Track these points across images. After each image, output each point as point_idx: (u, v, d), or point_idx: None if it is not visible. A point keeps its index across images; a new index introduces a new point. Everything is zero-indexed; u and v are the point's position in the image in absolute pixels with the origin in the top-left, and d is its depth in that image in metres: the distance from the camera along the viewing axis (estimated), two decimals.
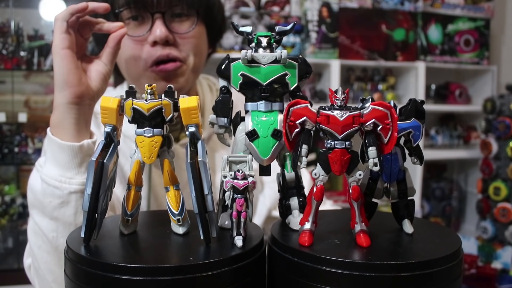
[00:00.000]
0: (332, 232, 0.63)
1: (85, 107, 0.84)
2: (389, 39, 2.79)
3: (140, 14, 0.99)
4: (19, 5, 2.58)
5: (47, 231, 0.83)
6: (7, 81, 2.64)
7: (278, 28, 0.64)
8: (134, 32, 0.99)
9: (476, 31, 2.96)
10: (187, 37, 1.01)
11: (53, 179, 0.80)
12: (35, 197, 0.85)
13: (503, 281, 2.46)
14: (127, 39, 0.99)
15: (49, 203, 0.81)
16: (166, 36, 0.97)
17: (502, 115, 2.59)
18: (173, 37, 0.99)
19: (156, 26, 0.97)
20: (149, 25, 0.98)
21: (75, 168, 0.81)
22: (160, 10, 0.97)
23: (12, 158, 2.53)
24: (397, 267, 0.53)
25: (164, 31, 0.97)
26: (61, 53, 0.83)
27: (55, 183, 0.80)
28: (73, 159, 0.81)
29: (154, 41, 0.97)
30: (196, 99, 0.61)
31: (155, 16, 0.97)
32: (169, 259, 0.56)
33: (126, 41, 0.99)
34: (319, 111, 0.58)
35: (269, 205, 1.15)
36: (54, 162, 0.81)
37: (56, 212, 0.81)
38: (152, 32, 0.97)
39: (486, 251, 2.61)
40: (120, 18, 0.99)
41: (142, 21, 0.99)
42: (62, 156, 0.81)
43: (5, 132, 2.57)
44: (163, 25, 0.97)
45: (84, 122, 0.84)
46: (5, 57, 2.47)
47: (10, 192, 2.66)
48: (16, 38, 2.49)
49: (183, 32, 1.00)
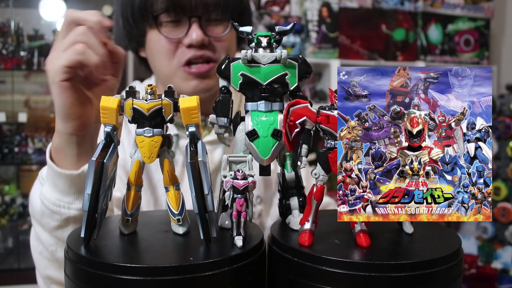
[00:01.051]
0: (332, 232, 0.63)
1: (90, 134, 0.81)
2: (389, 39, 2.79)
3: (178, 18, 1.02)
4: (19, 5, 2.58)
5: (47, 245, 0.83)
6: (7, 81, 2.64)
7: (278, 28, 0.64)
8: (170, 34, 1.02)
9: (476, 31, 2.97)
10: (221, 40, 1.04)
11: (51, 203, 0.78)
12: (34, 212, 0.83)
13: (503, 281, 2.46)
14: (163, 39, 1.02)
15: (47, 223, 0.80)
16: (202, 39, 1.00)
17: (502, 115, 2.59)
18: (208, 40, 1.02)
19: (193, 29, 1.00)
20: (185, 28, 1.01)
21: (74, 194, 0.79)
22: (197, 15, 1.00)
23: (12, 158, 2.53)
24: (397, 267, 0.53)
25: (201, 34, 1.00)
26: (61, 86, 0.74)
27: (52, 207, 0.78)
28: (71, 186, 0.78)
29: (190, 44, 1.00)
30: (196, 99, 0.61)
31: (192, 20, 1.00)
32: (169, 259, 0.56)
33: (162, 41, 1.02)
34: (319, 111, 0.58)
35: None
36: (53, 186, 0.79)
37: (54, 232, 0.80)
38: (189, 35, 1.00)
39: (486, 251, 2.61)
40: (158, 21, 1.02)
41: (179, 24, 1.02)
42: (60, 182, 0.78)
43: (5, 132, 2.57)
44: (199, 29, 1.00)
45: (90, 147, 0.80)
46: (5, 57, 2.48)
47: (10, 192, 2.66)
48: (16, 38, 2.49)
49: (218, 36, 1.03)
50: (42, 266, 0.85)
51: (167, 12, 1.01)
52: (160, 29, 1.02)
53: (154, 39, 1.04)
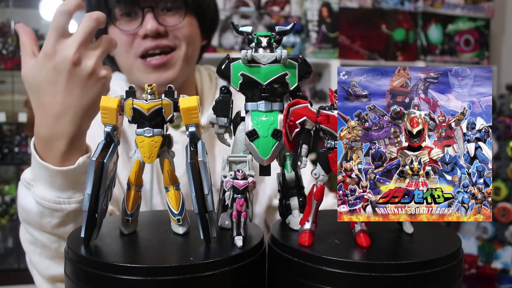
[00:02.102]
0: (332, 232, 0.63)
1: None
2: (389, 39, 2.79)
3: (132, 10, 1.02)
4: (19, 5, 2.58)
5: (49, 243, 0.82)
6: (7, 81, 2.64)
7: (278, 28, 0.64)
8: (125, 26, 1.03)
9: (476, 31, 2.97)
10: (178, 28, 1.04)
11: (51, 202, 0.77)
12: (29, 216, 0.81)
13: (503, 281, 2.46)
14: (119, 33, 1.03)
15: (48, 222, 0.79)
16: (156, 29, 1.00)
17: (502, 115, 2.59)
18: (164, 30, 1.02)
19: (147, 20, 1.01)
20: (139, 20, 1.02)
21: (71, 188, 0.78)
22: (150, 5, 1.01)
23: (12, 158, 2.53)
24: (397, 267, 0.53)
25: (155, 24, 1.00)
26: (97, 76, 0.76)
27: (53, 205, 0.77)
28: (68, 181, 0.77)
29: (145, 34, 1.01)
30: (196, 99, 0.61)
31: (145, 10, 1.01)
32: (169, 259, 0.56)
33: (119, 35, 1.03)
34: (319, 111, 0.58)
35: (269, 193, 1.15)
36: (48, 185, 0.78)
37: (56, 230, 0.80)
38: (143, 26, 1.01)
39: (486, 251, 2.61)
40: (112, 15, 1.03)
41: (134, 16, 1.03)
42: (57, 179, 0.77)
43: (5, 132, 2.57)
44: (153, 19, 1.01)
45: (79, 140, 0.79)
46: (5, 57, 2.47)
47: (10, 192, 2.66)
48: (16, 38, 2.49)
49: (173, 25, 1.03)
50: (44, 268, 0.85)
51: (120, 6, 1.02)
52: (115, 23, 1.03)
53: (113, 35, 1.04)
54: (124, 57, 1.05)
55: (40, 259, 0.85)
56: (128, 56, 1.04)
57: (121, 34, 1.02)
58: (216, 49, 2.52)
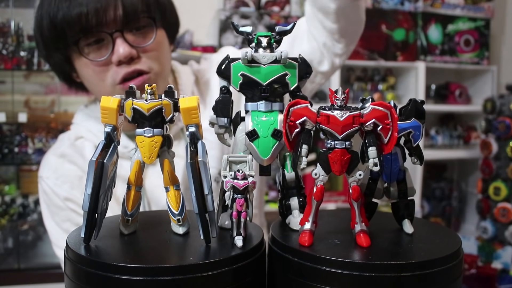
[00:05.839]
0: (332, 232, 0.63)
1: None
2: (389, 39, 2.79)
3: (99, 37, 0.97)
4: (19, 5, 2.58)
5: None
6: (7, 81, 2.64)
7: (278, 28, 0.64)
8: (96, 56, 0.98)
9: (476, 31, 2.97)
10: (150, 49, 1.00)
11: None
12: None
13: (503, 281, 2.46)
14: (90, 64, 0.98)
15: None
16: (130, 53, 0.97)
17: (502, 115, 2.59)
18: (137, 52, 0.99)
19: (118, 45, 0.96)
20: (109, 46, 0.97)
21: None
22: (118, 29, 0.96)
23: (12, 158, 2.53)
24: (397, 267, 0.53)
25: (127, 48, 0.96)
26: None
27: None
28: None
29: (119, 61, 0.96)
30: (196, 99, 0.61)
31: (114, 35, 0.96)
32: (169, 259, 0.56)
33: (89, 65, 0.98)
34: (319, 111, 0.58)
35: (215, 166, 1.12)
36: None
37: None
38: (115, 52, 0.97)
39: (486, 251, 2.61)
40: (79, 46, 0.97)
41: (102, 43, 0.98)
42: None
43: (5, 132, 2.56)
44: (124, 43, 0.96)
45: None
46: (5, 57, 2.47)
47: (10, 192, 2.66)
48: (16, 38, 2.49)
49: (146, 45, 1.00)
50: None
51: (87, 34, 0.96)
52: (84, 54, 0.98)
53: (81, 66, 1.01)
54: (101, 86, 1.01)
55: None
56: (105, 85, 1.00)
57: (91, 64, 0.98)
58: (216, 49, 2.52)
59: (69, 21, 0.94)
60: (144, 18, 0.99)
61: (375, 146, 0.57)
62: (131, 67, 0.98)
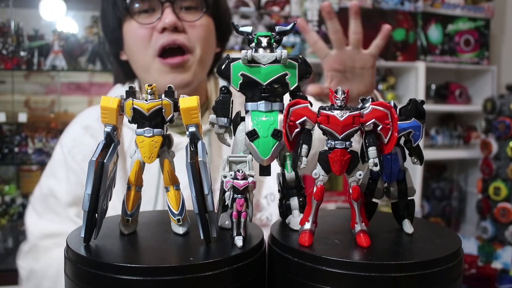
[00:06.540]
0: (332, 232, 0.63)
1: None
2: (389, 39, 2.78)
3: (150, 6, 1.03)
4: (19, 5, 2.58)
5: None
6: (7, 81, 2.64)
7: (278, 28, 0.64)
8: (144, 20, 1.04)
9: (476, 31, 2.96)
10: (196, 25, 1.05)
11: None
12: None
13: (503, 281, 2.46)
14: (137, 27, 1.03)
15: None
16: (175, 22, 1.01)
17: (502, 115, 2.59)
18: (182, 25, 1.03)
19: (166, 13, 1.02)
20: (158, 14, 1.02)
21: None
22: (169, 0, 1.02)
23: (12, 158, 2.53)
24: (397, 267, 0.53)
25: (173, 17, 1.01)
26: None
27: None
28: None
29: (163, 28, 1.01)
30: (196, 99, 0.61)
31: (164, 5, 1.02)
32: (169, 259, 0.56)
33: (136, 29, 1.04)
34: (319, 111, 0.58)
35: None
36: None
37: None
38: (162, 19, 1.02)
39: (486, 251, 2.61)
40: (131, 10, 1.04)
41: (153, 12, 1.04)
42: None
43: (5, 132, 2.57)
44: (172, 13, 1.02)
45: None
46: (5, 57, 2.47)
47: (10, 192, 2.66)
48: (16, 38, 2.49)
49: (192, 20, 1.04)
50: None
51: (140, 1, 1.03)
52: (133, 16, 1.04)
53: (129, 30, 1.05)
54: (142, 55, 1.05)
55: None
56: (146, 54, 1.04)
57: (138, 28, 1.03)
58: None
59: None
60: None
61: (375, 146, 0.57)
62: (173, 35, 1.02)
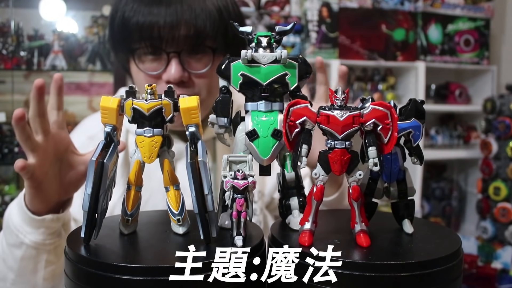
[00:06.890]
0: (332, 232, 0.63)
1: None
2: (389, 39, 2.79)
3: (157, 53, 0.97)
4: (19, 5, 2.58)
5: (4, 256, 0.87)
6: (7, 81, 2.64)
7: (278, 28, 0.64)
8: (149, 68, 0.98)
9: (476, 31, 2.96)
10: (202, 76, 0.99)
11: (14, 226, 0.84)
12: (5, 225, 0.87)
13: (503, 281, 2.46)
14: (142, 73, 0.98)
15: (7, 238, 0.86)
16: (180, 77, 0.95)
17: (502, 115, 2.59)
18: (188, 76, 0.97)
19: (171, 65, 0.95)
20: (164, 62, 0.96)
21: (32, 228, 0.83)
22: (176, 50, 0.95)
23: (12, 158, 2.52)
24: (397, 267, 0.53)
25: (179, 70, 0.95)
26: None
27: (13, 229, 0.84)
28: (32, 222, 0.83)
29: (168, 81, 0.95)
30: (196, 99, 0.61)
31: (170, 55, 0.95)
32: (169, 259, 0.56)
33: (141, 74, 0.99)
34: (319, 111, 0.58)
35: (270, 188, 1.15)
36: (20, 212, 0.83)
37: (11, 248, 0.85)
38: (167, 71, 0.96)
39: (486, 251, 2.61)
40: (136, 54, 0.98)
41: (159, 57, 0.97)
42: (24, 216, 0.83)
43: (5, 132, 2.56)
44: (178, 65, 0.95)
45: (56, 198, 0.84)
46: (5, 57, 2.47)
47: (10, 192, 2.66)
48: (16, 38, 2.49)
49: (199, 71, 0.98)
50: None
51: (145, 47, 0.96)
52: (138, 64, 0.98)
53: (134, 71, 1.01)
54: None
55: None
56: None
57: (143, 74, 0.98)
58: None
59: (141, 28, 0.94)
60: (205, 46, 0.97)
61: (375, 146, 0.57)
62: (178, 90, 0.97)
